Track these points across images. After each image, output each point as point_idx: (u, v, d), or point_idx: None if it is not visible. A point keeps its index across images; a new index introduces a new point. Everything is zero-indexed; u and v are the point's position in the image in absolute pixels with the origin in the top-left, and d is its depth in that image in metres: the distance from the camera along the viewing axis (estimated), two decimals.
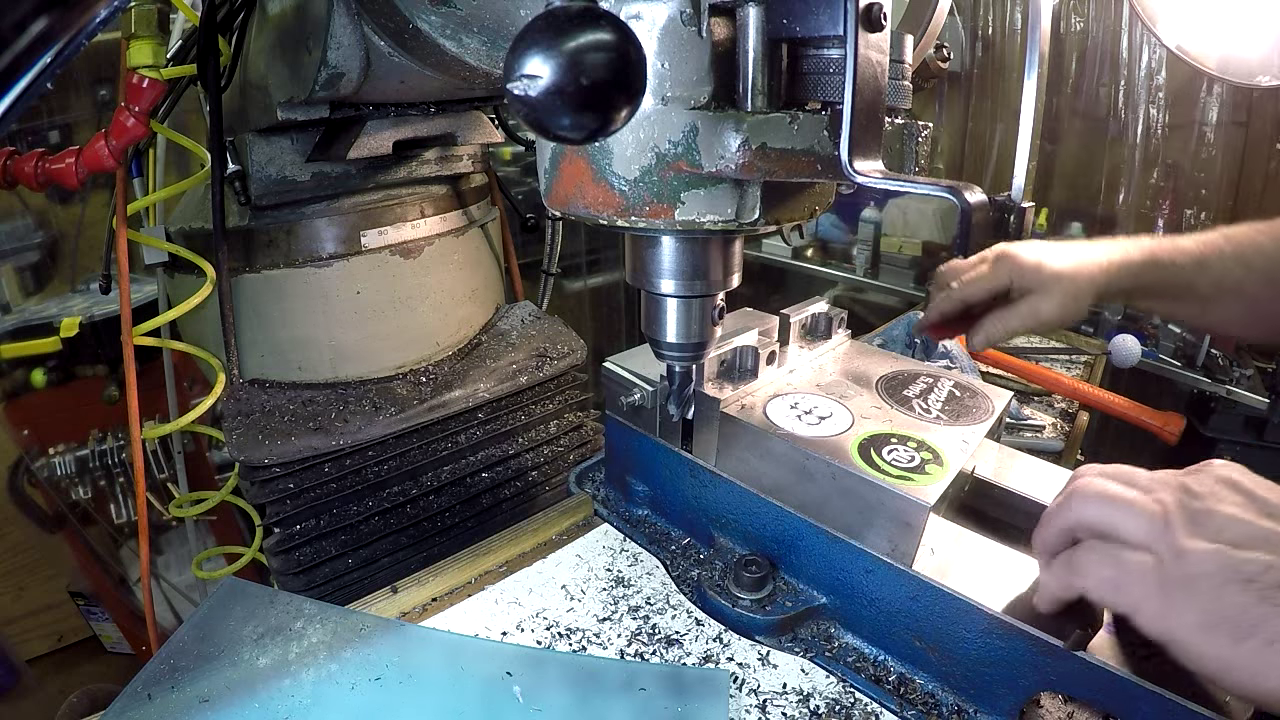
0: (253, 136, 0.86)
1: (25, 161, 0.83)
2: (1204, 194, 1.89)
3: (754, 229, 0.51)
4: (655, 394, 0.75)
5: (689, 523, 0.76)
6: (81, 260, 1.92)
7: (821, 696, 0.58)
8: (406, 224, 0.94)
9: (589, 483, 0.86)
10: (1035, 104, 0.46)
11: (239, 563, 1.09)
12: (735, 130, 0.45)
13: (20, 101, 0.39)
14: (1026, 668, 0.53)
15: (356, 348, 0.93)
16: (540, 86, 0.32)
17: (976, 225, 0.42)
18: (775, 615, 0.64)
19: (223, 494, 1.08)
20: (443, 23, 0.61)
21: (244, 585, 0.69)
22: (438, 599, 0.70)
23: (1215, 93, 1.83)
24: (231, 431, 0.83)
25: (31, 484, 1.74)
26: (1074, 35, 2.01)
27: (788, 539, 0.66)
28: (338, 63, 0.70)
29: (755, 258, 2.51)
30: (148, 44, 0.75)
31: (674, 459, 0.75)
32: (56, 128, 1.83)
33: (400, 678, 0.60)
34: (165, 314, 0.93)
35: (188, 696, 0.58)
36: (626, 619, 0.66)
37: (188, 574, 1.63)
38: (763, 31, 0.45)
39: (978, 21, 2.18)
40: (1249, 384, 1.72)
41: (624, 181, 0.48)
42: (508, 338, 1.04)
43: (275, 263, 0.89)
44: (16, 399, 1.73)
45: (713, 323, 0.60)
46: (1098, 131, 2.02)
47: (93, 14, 0.40)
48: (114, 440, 1.68)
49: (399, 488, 0.91)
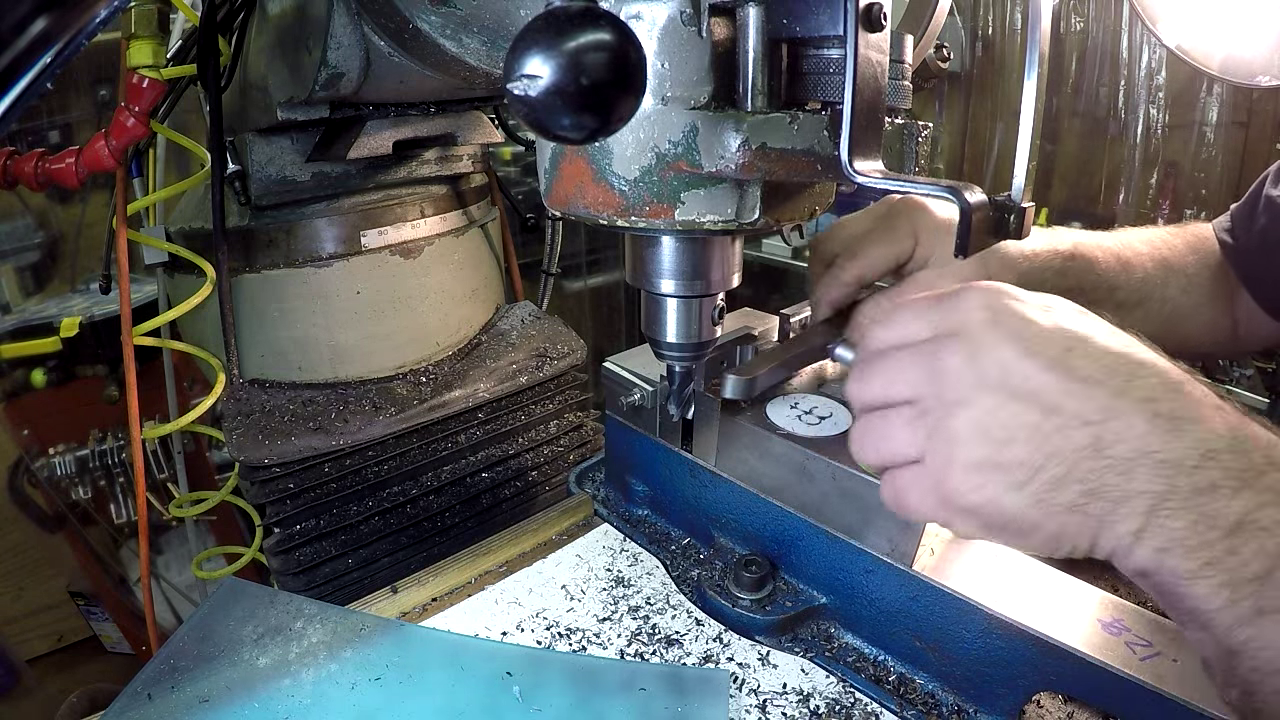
0: (253, 136, 0.86)
1: (25, 161, 0.83)
2: (1204, 194, 1.88)
3: (754, 229, 0.51)
4: (655, 394, 0.75)
5: (689, 523, 0.76)
6: (81, 260, 1.92)
7: (821, 696, 0.58)
8: (406, 224, 0.94)
9: (589, 483, 0.86)
10: (1035, 104, 0.46)
11: (239, 563, 1.09)
12: (735, 130, 0.45)
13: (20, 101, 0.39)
14: (1026, 668, 0.53)
15: (356, 348, 0.93)
16: (540, 86, 0.32)
17: (976, 225, 0.43)
18: (775, 615, 0.64)
19: (223, 494, 1.08)
20: (443, 23, 0.61)
21: (244, 585, 0.69)
22: (438, 599, 0.70)
23: (1215, 93, 1.83)
24: (231, 431, 0.83)
25: (31, 484, 1.74)
26: (1074, 35, 2.00)
27: (788, 539, 0.66)
28: (338, 63, 0.70)
29: (755, 258, 2.50)
30: (148, 44, 0.75)
31: (674, 459, 0.75)
32: (56, 128, 1.82)
33: (400, 678, 0.60)
34: (165, 314, 0.93)
35: (188, 696, 0.58)
36: (626, 619, 0.66)
37: (188, 574, 1.63)
38: (763, 31, 0.45)
39: (978, 21, 2.18)
40: (1249, 384, 1.72)
41: (624, 181, 0.48)
42: (508, 338, 1.04)
43: (275, 263, 0.89)
44: (16, 399, 1.73)
45: (713, 323, 0.60)
46: (1098, 131, 2.02)
47: (93, 14, 0.41)
48: (114, 440, 1.68)
49: (399, 488, 0.91)
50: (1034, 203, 0.48)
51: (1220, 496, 0.40)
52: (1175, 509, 0.41)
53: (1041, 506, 0.43)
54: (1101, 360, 0.44)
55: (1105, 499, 0.42)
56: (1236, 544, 0.40)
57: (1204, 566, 0.41)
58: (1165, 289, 0.86)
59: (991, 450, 0.44)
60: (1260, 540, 0.39)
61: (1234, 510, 0.40)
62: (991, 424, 0.44)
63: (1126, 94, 1.94)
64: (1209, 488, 0.41)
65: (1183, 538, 0.41)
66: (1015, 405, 0.43)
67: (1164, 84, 1.90)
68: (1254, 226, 0.86)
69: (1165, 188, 1.94)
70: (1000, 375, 0.44)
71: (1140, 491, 0.41)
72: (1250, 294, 0.88)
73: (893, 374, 0.48)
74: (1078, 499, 0.43)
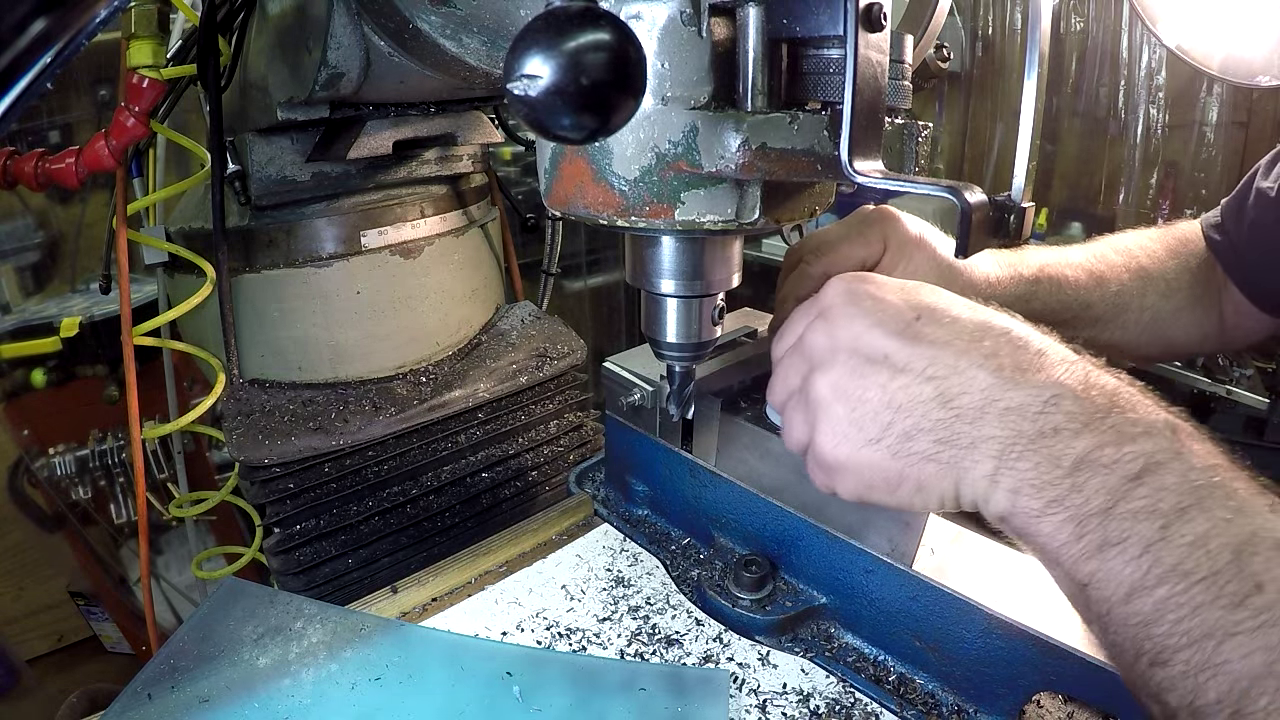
0: (253, 136, 0.86)
1: (25, 161, 0.83)
2: (1204, 194, 1.88)
3: (754, 229, 0.51)
4: (655, 394, 0.75)
5: (689, 523, 0.76)
6: (81, 260, 1.92)
7: (821, 696, 0.58)
8: (406, 224, 0.94)
9: (589, 483, 0.86)
10: (1035, 104, 0.46)
11: (239, 563, 1.09)
12: (735, 130, 0.45)
13: (20, 101, 0.39)
14: (1026, 668, 0.53)
15: (356, 348, 0.93)
16: (540, 86, 0.32)
17: (976, 225, 0.43)
18: (775, 615, 0.64)
19: (223, 494, 1.08)
20: (443, 23, 0.61)
21: (244, 585, 0.69)
22: (438, 599, 0.69)
23: (1215, 93, 1.83)
24: (231, 431, 0.83)
25: (31, 484, 1.74)
26: (1074, 35, 2.01)
27: (788, 539, 0.66)
28: (338, 63, 0.70)
29: (755, 258, 2.50)
30: (148, 44, 0.75)
31: (674, 459, 0.75)
32: (56, 128, 1.82)
33: (400, 678, 0.60)
34: (165, 314, 0.93)
35: (188, 696, 0.58)
36: (626, 619, 0.66)
37: (188, 574, 1.62)
38: (763, 31, 0.45)
39: (978, 21, 2.18)
40: (1249, 384, 1.72)
41: (624, 181, 0.48)
42: (508, 338, 1.04)
43: (275, 263, 0.89)
44: (16, 399, 1.73)
45: (713, 323, 0.60)
46: (1098, 131, 2.02)
47: (93, 14, 0.41)
48: (114, 440, 1.68)
49: (399, 488, 0.91)
50: (1034, 203, 0.48)
51: (1063, 438, 0.43)
52: (1022, 450, 0.44)
53: (899, 458, 0.47)
54: (949, 326, 0.48)
55: (956, 446, 0.46)
56: (1079, 481, 0.42)
57: (1050, 504, 0.43)
58: (1144, 298, 0.87)
59: (848, 409, 0.49)
60: (1102, 477, 0.42)
61: (1076, 450, 0.43)
62: (847, 385, 0.49)
63: (1126, 94, 1.94)
64: (1052, 431, 0.44)
65: (1030, 478, 0.44)
66: (867, 368, 0.48)
67: (1164, 84, 1.90)
68: (1244, 220, 0.86)
69: (1165, 188, 1.94)
70: (852, 342, 0.49)
71: (988, 437, 0.45)
72: (1239, 289, 0.88)
73: (785, 370, 0.54)
74: (930, 447, 0.46)
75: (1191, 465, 0.41)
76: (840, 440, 0.49)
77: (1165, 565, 0.39)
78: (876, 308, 0.49)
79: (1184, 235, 0.93)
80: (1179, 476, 0.41)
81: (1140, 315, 0.86)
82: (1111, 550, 0.41)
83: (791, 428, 0.54)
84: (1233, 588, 0.38)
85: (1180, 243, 0.92)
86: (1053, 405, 0.44)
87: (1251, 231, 0.85)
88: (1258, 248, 0.85)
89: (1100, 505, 0.42)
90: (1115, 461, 0.42)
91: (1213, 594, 0.38)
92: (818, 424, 0.50)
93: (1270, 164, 0.86)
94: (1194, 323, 0.90)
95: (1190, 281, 0.89)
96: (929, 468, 0.47)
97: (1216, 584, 0.38)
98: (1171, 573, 0.39)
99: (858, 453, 0.48)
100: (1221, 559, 0.38)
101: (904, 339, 0.48)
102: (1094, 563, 0.42)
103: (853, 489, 0.50)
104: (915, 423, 0.47)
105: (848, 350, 0.49)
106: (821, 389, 0.50)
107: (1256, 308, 0.88)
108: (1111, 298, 0.84)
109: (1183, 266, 0.89)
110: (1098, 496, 0.42)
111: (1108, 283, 0.84)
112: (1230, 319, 0.91)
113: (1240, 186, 0.88)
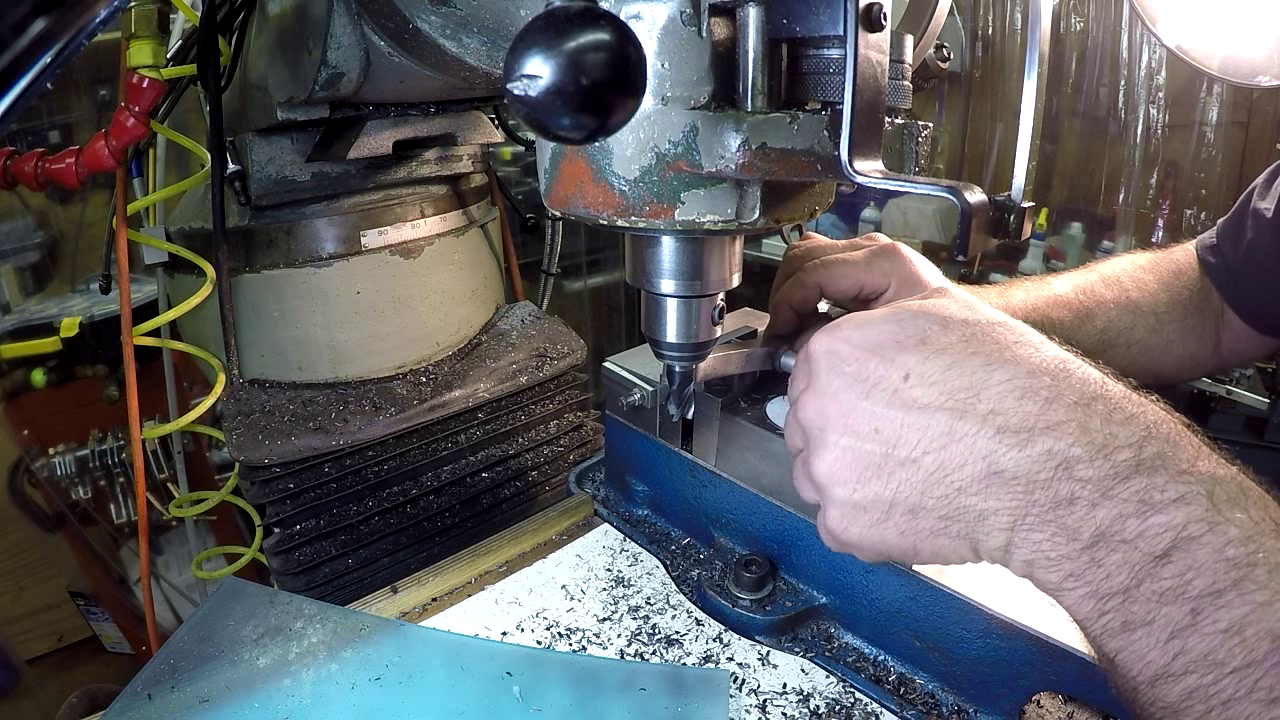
0: (253, 136, 0.86)
1: (25, 161, 0.83)
2: (1204, 194, 1.88)
3: (754, 229, 0.51)
4: (655, 394, 0.75)
5: (689, 523, 0.76)
6: (81, 260, 1.92)
7: (821, 696, 0.58)
8: (406, 224, 0.94)
9: (589, 483, 0.86)
10: (1035, 104, 0.46)
11: (239, 563, 1.09)
12: (735, 130, 0.45)
13: (20, 101, 0.39)
14: (1026, 668, 0.53)
15: (356, 348, 0.93)
16: (540, 86, 0.32)
17: (976, 225, 0.43)
18: (775, 615, 0.64)
19: (223, 494, 1.08)
20: (443, 23, 0.61)
21: (244, 585, 0.69)
22: (438, 599, 0.70)
23: (1215, 93, 1.83)
24: (231, 431, 0.83)
25: (31, 484, 1.74)
26: (1074, 35, 2.01)
27: (788, 539, 0.66)
28: (338, 63, 0.70)
29: (755, 258, 2.50)
30: (148, 44, 0.75)
31: (674, 459, 0.75)
32: (56, 128, 1.83)
33: (400, 678, 0.60)
34: (165, 314, 0.93)
35: (188, 696, 0.58)
36: (626, 619, 0.66)
37: (188, 574, 1.63)
38: (763, 31, 0.45)
39: (978, 21, 2.18)
40: (1249, 384, 1.72)
41: (624, 181, 0.48)
42: (508, 338, 1.04)
43: (275, 263, 0.89)
44: (16, 399, 1.73)
45: (713, 323, 0.60)
46: (1098, 131, 2.02)
47: (93, 14, 0.41)
48: (114, 440, 1.68)
49: (399, 488, 0.91)
50: (1034, 203, 0.48)
51: (1079, 508, 0.39)
52: (1035, 521, 0.41)
53: (907, 537, 0.45)
54: (942, 384, 0.43)
55: (963, 520, 0.43)
56: (1099, 556, 0.39)
57: (1067, 579, 0.40)
58: (1131, 333, 0.85)
59: (849, 492, 0.46)
60: (1124, 553, 0.38)
61: (1095, 521, 0.39)
62: (844, 468, 0.46)
63: (1126, 94, 1.94)
64: (1068, 500, 0.40)
65: (1046, 550, 0.40)
66: (862, 445, 0.45)
67: (1164, 84, 1.90)
68: (1241, 241, 0.85)
69: (1165, 188, 1.94)
70: (841, 420, 0.46)
71: (997, 509, 0.42)
72: (1236, 312, 0.87)
73: (790, 433, 0.53)
74: (937, 524, 0.44)
75: (1229, 539, 0.37)
76: (848, 524, 0.47)
77: (1194, 654, 0.36)
78: (861, 372, 0.46)
79: (1178, 265, 0.91)
80: (1214, 553, 0.37)
81: (1128, 350, 0.85)
82: (1136, 632, 0.38)
83: (800, 489, 0.52)
84: (1268, 681, 0.35)
85: (1173, 274, 0.90)
86: (1064, 471, 0.40)
87: (1249, 254, 0.84)
88: (1255, 270, 0.84)
89: (1123, 583, 0.38)
90: (1139, 535, 0.38)
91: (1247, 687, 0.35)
92: (825, 505, 0.48)
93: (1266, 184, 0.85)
94: (1184, 354, 0.89)
95: (1182, 314, 0.88)
96: (940, 541, 0.45)
97: (1252, 677, 0.35)
98: (1201, 662, 0.36)
99: (866, 533, 0.46)
100: (1260, 649, 0.35)
101: (895, 407, 0.44)
102: (1118, 641, 0.39)
103: (871, 559, 0.49)
104: (917, 500, 0.44)
105: (838, 429, 0.46)
106: (820, 472, 0.47)
107: (1255, 330, 0.87)
108: (1097, 335, 0.83)
109: (1174, 300, 0.88)
110: (1119, 573, 0.38)
111: (1094, 319, 0.84)
112: (1227, 344, 0.90)
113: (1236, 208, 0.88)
